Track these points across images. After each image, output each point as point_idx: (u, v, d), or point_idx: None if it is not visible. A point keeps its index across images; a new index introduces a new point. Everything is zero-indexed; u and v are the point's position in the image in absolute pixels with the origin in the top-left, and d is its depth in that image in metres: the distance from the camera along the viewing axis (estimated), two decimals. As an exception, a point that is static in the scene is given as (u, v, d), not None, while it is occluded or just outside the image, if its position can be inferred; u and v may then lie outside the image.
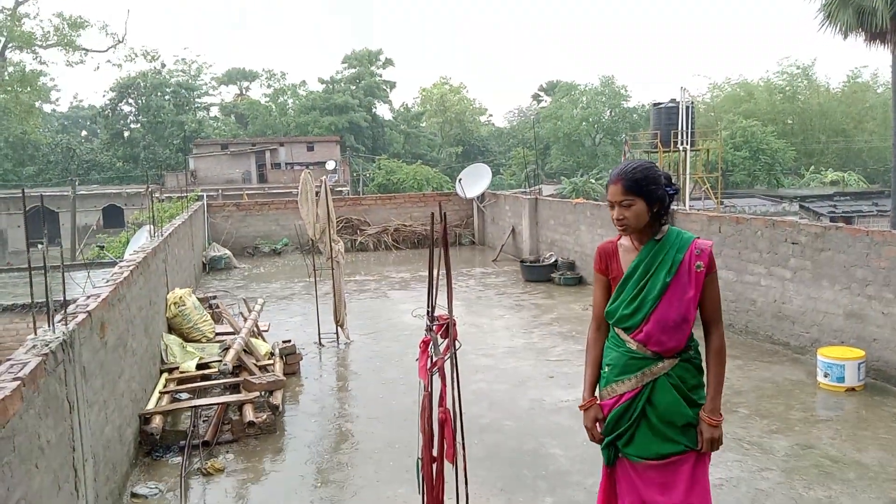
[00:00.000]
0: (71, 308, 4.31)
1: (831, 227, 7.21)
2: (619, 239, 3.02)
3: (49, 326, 3.73)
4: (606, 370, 2.98)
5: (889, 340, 6.42)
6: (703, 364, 2.95)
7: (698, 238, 2.94)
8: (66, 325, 3.82)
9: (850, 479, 4.69)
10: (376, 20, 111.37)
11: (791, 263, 7.51)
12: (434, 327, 3.90)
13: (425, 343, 3.86)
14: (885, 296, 6.44)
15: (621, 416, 2.92)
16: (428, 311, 3.95)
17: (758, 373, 6.96)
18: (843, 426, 5.62)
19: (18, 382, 2.93)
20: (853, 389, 6.28)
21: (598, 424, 2.99)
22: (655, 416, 2.88)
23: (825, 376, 6.42)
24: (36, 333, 3.64)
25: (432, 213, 4.50)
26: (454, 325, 3.92)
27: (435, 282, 3.91)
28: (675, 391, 2.87)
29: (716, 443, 2.87)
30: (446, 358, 3.90)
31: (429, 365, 3.81)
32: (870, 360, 6.48)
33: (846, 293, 6.84)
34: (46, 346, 3.44)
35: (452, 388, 3.97)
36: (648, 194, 2.84)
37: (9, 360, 3.25)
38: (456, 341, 3.94)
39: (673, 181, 2.98)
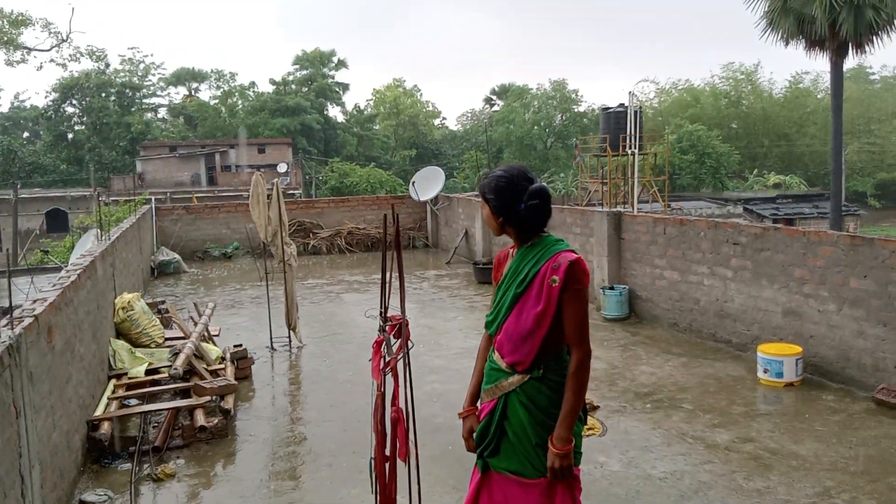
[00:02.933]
0: (17, 312, 4.24)
1: (770, 228, 7.49)
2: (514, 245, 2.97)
3: (-6, 331, 3.67)
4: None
5: (825, 337, 6.70)
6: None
7: (564, 251, 2.73)
8: (13, 329, 3.76)
9: (788, 469, 4.89)
10: (328, 21, 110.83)
11: (732, 263, 7.77)
12: (387, 328, 3.95)
13: (378, 343, 3.90)
14: (820, 294, 6.72)
15: (486, 427, 2.90)
16: (381, 312, 4.00)
17: (701, 369, 7.18)
18: (782, 419, 5.85)
19: (-37, 388, 2.89)
20: (791, 384, 6.54)
21: (473, 434, 2.98)
22: (511, 432, 2.82)
23: (765, 372, 6.66)
24: (-20, 338, 3.58)
25: (384, 215, 4.55)
26: (407, 325, 3.98)
27: (388, 283, 3.96)
28: (525, 411, 2.77)
29: (561, 473, 2.67)
30: (399, 358, 3.96)
31: (381, 365, 3.85)
32: (807, 356, 6.75)
33: (784, 292, 7.11)
34: (-8, 351, 3.39)
35: (405, 388, 4.03)
36: (489, 202, 2.79)
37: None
38: (409, 341, 4.00)
39: (543, 193, 2.72)
